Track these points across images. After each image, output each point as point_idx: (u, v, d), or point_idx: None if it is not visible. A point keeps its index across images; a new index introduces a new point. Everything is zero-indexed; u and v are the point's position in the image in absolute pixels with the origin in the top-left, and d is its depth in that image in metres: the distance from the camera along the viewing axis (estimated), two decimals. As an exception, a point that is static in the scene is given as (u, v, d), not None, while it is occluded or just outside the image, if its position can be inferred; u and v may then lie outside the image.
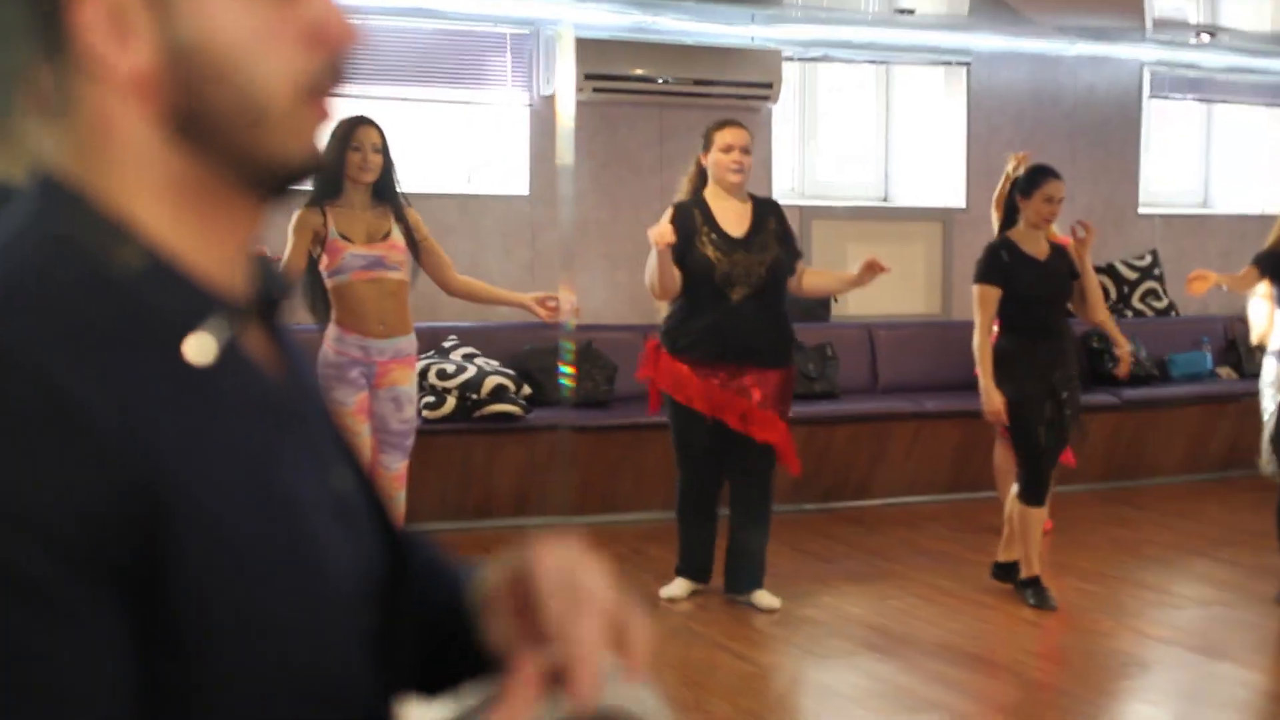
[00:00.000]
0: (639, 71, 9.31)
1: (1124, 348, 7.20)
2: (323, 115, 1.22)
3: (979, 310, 6.90)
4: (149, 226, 1.17)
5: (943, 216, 10.54)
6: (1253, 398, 9.65)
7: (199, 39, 1.16)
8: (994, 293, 6.84)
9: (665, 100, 9.52)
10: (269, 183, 1.22)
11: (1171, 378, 10.53)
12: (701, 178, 6.81)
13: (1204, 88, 11.63)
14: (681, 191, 6.90)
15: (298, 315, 6.26)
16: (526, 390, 8.61)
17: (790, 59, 9.91)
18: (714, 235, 6.60)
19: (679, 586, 6.98)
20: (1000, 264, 6.86)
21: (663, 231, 6.43)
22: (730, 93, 9.49)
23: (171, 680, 1.10)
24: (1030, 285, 6.83)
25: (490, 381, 8.36)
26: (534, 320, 8.65)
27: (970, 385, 7.34)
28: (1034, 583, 6.93)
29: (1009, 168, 7.80)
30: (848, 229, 10.24)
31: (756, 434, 6.62)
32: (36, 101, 2.11)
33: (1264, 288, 7.28)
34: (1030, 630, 6.65)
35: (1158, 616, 6.99)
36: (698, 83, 9.44)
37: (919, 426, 9.32)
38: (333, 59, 1.21)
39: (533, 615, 1.27)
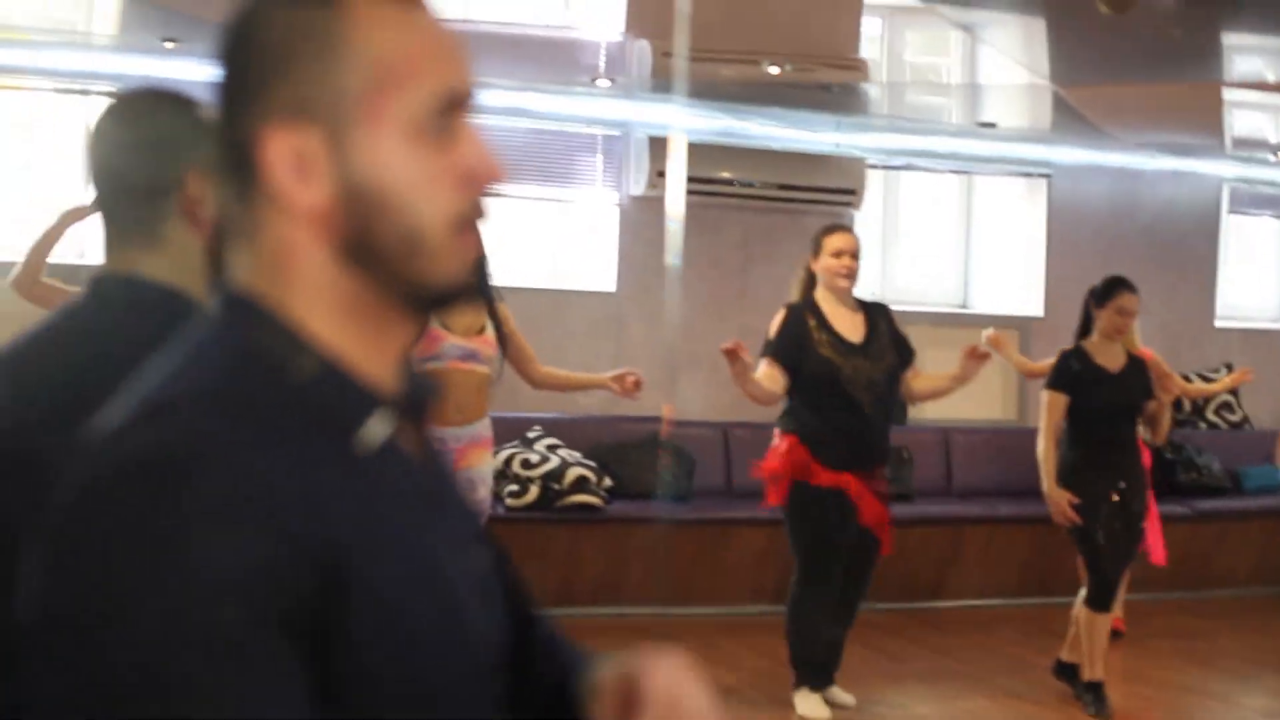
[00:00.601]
0: (726, 175, 9.53)
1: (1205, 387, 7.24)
2: (472, 246, 1.42)
3: (1045, 415, 7.05)
4: (322, 336, 1.38)
5: (1020, 324, 10.69)
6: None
7: (370, 181, 1.36)
8: (1061, 399, 6.97)
9: (751, 204, 9.72)
10: (424, 303, 1.43)
11: (1244, 490, 10.61)
12: (811, 281, 6.83)
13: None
14: (792, 294, 6.90)
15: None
16: (608, 482, 8.79)
17: (874, 166, 10.12)
18: (830, 339, 6.63)
19: (814, 706, 6.83)
20: (1070, 372, 7.00)
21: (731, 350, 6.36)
22: (815, 198, 9.68)
23: None
24: (1098, 396, 6.95)
25: (573, 472, 8.55)
26: (615, 413, 8.86)
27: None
28: (1095, 688, 7.01)
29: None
30: (927, 334, 10.40)
31: (880, 531, 6.71)
32: (186, 209, 2.36)
33: None
34: (1098, 735, 6.75)
35: (1227, 727, 7.09)
36: (783, 187, 9.65)
37: (992, 530, 9.43)
38: (481, 197, 1.41)
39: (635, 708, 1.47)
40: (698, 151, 9.30)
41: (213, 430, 1.27)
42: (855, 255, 6.72)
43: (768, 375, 6.65)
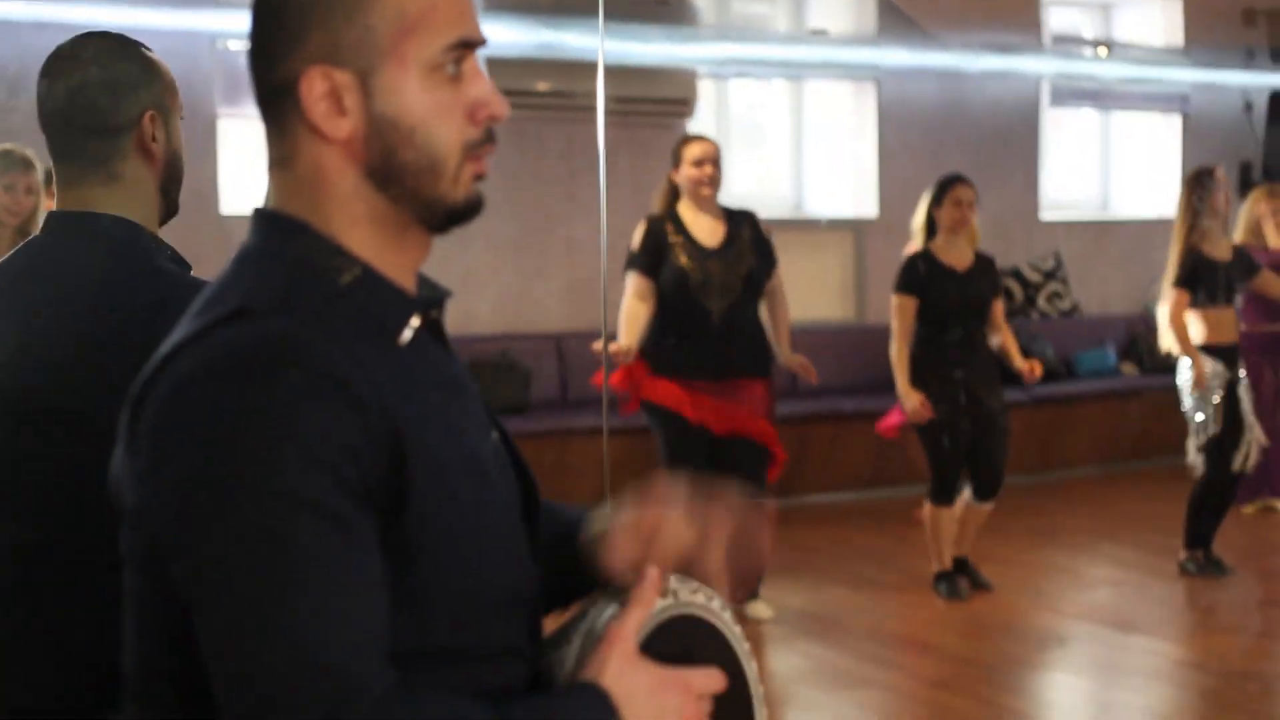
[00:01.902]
0: (544, 87, 9.51)
1: (1019, 363, 7.21)
2: (481, 170, 1.66)
3: (896, 319, 7.17)
4: (356, 249, 1.62)
5: (855, 226, 10.92)
6: (1155, 391, 10.15)
7: (394, 113, 1.60)
8: (910, 302, 7.11)
9: (578, 116, 9.71)
10: (440, 219, 1.66)
11: (1077, 375, 10.99)
12: (674, 193, 6.83)
13: (1100, 97, 12.10)
14: (655, 206, 6.90)
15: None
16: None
17: (704, 76, 10.24)
18: (687, 243, 6.66)
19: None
20: (917, 275, 7.13)
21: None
22: (646, 110, 9.75)
23: (405, 584, 1.52)
24: (945, 296, 7.10)
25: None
26: (466, 332, 8.97)
27: (884, 386, 7.73)
28: (944, 576, 7.30)
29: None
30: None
31: (754, 433, 6.66)
32: (141, 146, 2.51)
33: (1174, 295, 7.48)
34: (954, 612, 7.02)
35: (1073, 596, 7.41)
36: (612, 99, 9.67)
37: (837, 427, 9.67)
38: (488, 127, 1.66)
39: (656, 551, 1.80)
40: (514, 65, 9.23)
41: (286, 329, 1.50)
42: (716, 163, 6.72)
43: (637, 290, 6.69)
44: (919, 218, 7.43)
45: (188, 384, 1.49)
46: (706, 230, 6.74)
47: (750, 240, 6.80)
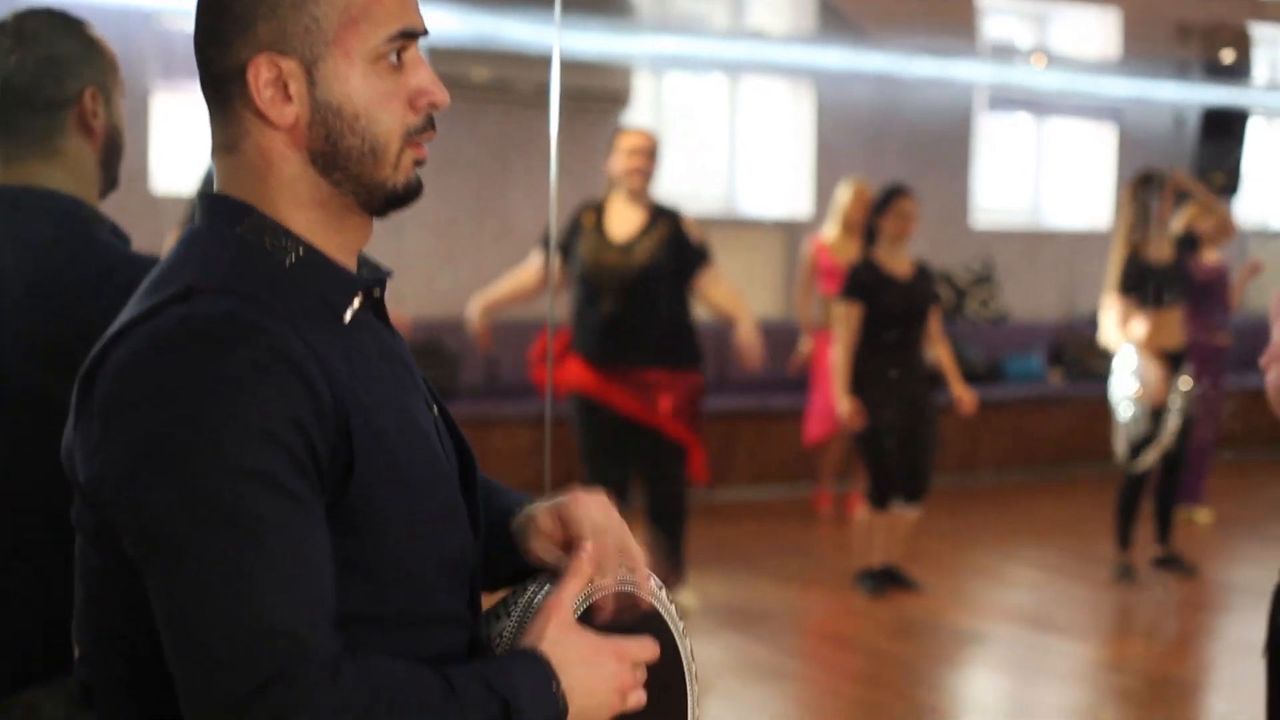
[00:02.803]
0: (481, 76, 9.45)
1: (957, 390, 7.36)
2: (421, 155, 1.72)
3: (840, 326, 7.18)
4: (300, 231, 1.67)
5: (788, 228, 10.95)
6: (1080, 399, 10.25)
7: (338, 101, 1.66)
8: (856, 308, 7.11)
9: (513, 107, 9.68)
10: (380, 203, 1.71)
11: (1004, 380, 11.06)
12: (610, 184, 6.82)
13: (1036, 106, 12.20)
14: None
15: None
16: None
17: (642, 71, 10.24)
18: (596, 234, 6.65)
19: None
20: (860, 282, 7.14)
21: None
22: (581, 103, 9.72)
23: (350, 552, 1.58)
24: (889, 303, 7.12)
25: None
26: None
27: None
28: (870, 574, 7.30)
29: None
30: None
31: (660, 425, 6.64)
32: (81, 122, 2.53)
33: (1118, 300, 7.51)
34: (876, 610, 7.05)
35: (994, 597, 7.47)
36: (544, 90, 9.67)
37: (765, 422, 9.69)
38: (428, 115, 1.71)
39: (570, 537, 1.84)
40: (449, 54, 9.18)
41: (234, 307, 1.55)
42: (649, 155, 6.69)
43: (526, 264, 6.93)
44: (836, 212, 7.48)
45: (138, 359, 1.54)
46: (622, 221, 6.70)
47: (665, 238, 6.69)
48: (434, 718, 1.54)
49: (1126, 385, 7.49)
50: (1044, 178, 12.56)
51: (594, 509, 1.85)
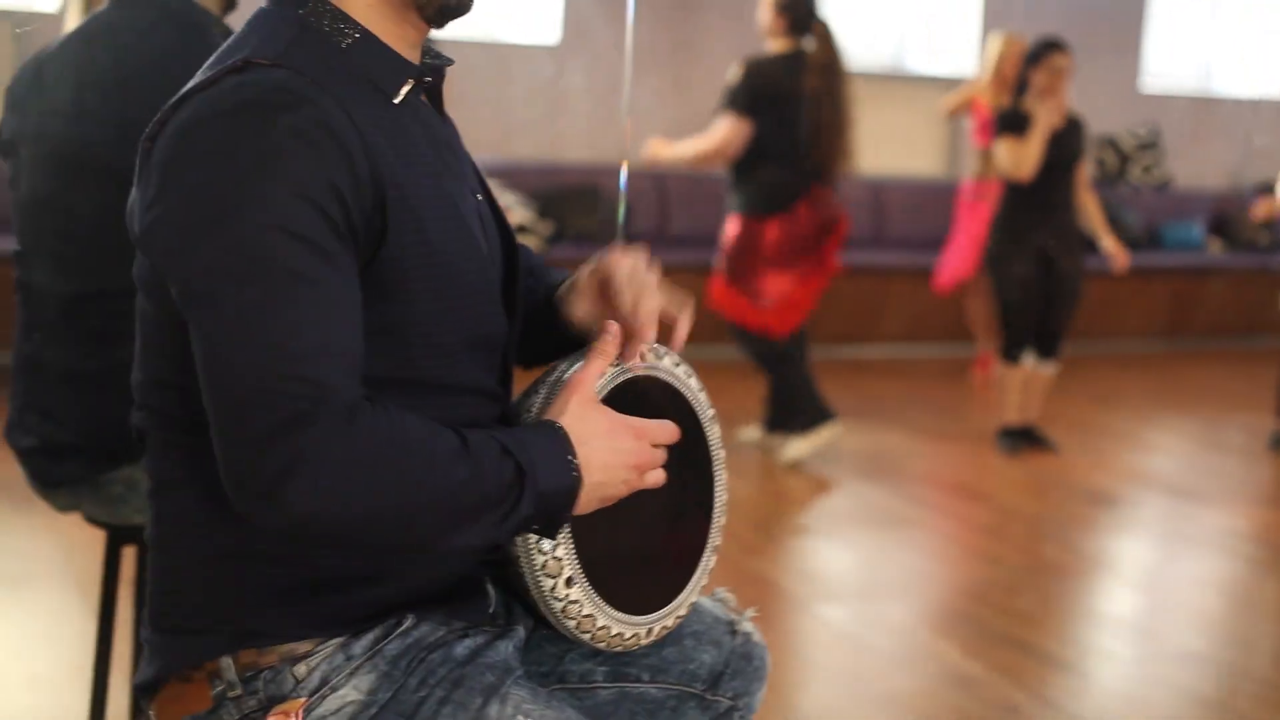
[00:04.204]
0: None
1: (1107, 243, 7.35)
2: None
3: (1008, 160, 7.04)
4: (359, 18, 1.78)
5: (953, 84, 10.87)
6: (1239, 271, 10.11)
7: None
8: (1016, 145, 6.98)
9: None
10: (432, 11, 1.80)
11: (1162, 247, 10.94)
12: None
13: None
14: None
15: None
16: (548, 227, 9.00)
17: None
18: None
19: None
20: (1010, 124, 7.05)
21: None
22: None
23: (381, 316, 1.71)
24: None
25: (514, 217, 8.71)
26: (558, 161, 9.08)
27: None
28: (1008, 432, 7.36)
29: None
30: (860, 92, 10.56)
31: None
32: None
33: None
34: (1011, 467, 7.12)
35: (1133, 461, 7.48)
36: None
37: (919, 281, 9.71)
38: None
39: (610, 299, 1.95)
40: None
41: (286, 79, 1.66)
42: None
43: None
44: (988, 62, 7.50)
45: (193, 122, 1.66)
46: None
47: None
48: (446, 471, 1.64)
49: None
50: (1217, 43, 12.30)
51: (627, 266, 1.95)
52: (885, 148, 9.92)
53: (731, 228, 6.76)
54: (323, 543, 1.74)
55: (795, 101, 6.54)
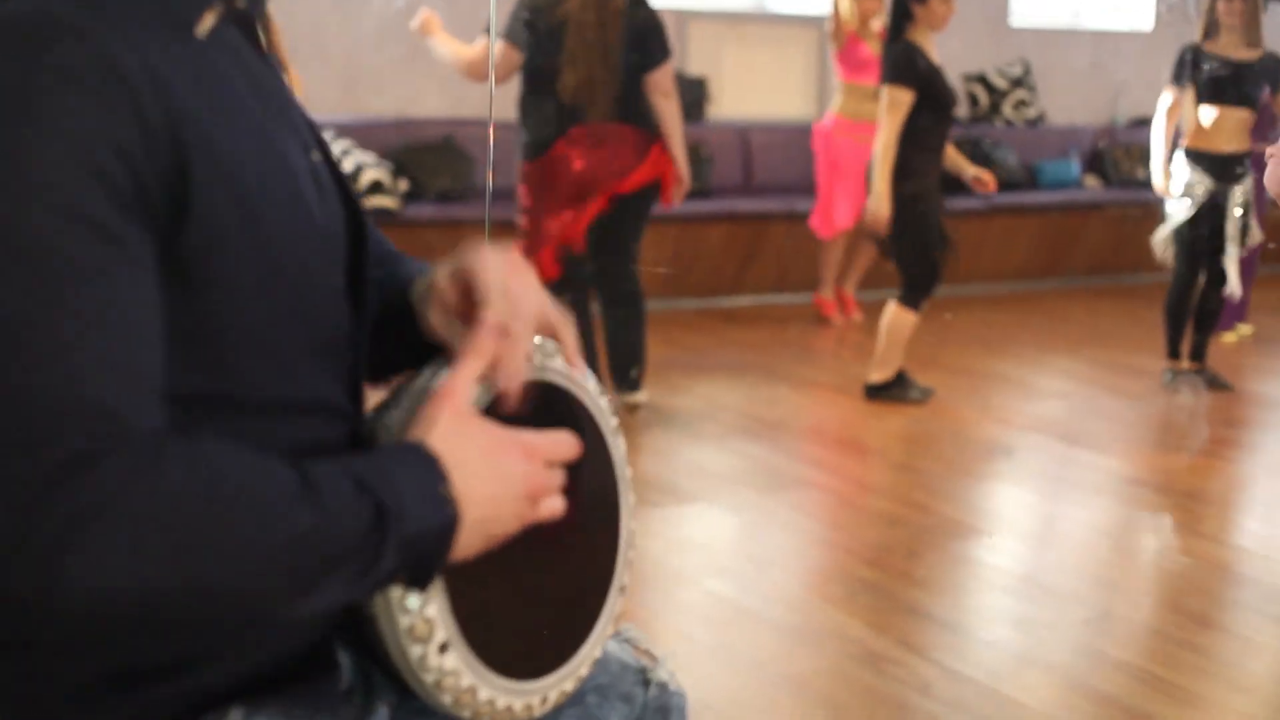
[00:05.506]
0: None
1: (970, 171, 6.95)
2: None
3: (890, 114, 6.65)
4: None
5: (820, 24, 10.59)
6: (1117, 206, 9.95)
7: None
8: (907, 96, 6.63)
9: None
10: None
11: (1039, 185, 10.74)
12: None
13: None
14: None
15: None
16: (404, 185, 8.64)
17: None
18: None
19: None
20: (916, 67, 6.64)
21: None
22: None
23: (194, 313, 1.29)
24: (944, 92, 6.72)
25: (368, 176, 8.35)
26: (410, 116, 8.70)
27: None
28: (903, 379, 7.07)
29: None
30: (727, 33, 10.27)
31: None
32: None
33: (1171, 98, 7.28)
34: (897, 418, 6.83)
35: (1021, 408, 7.23)
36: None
37: (791, 227, 9.41)
38: None
39: (473, 307, 1.49)
40: None
41: (60, 8, 1.23)
42: None
43: None
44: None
45: None
46: None
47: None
48: (284, 520, 1.23)
49: (1177, 184, 7.21)
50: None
51: (500, 268, 1.52)
52: (751, 92, 9.57)
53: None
54: (123, 630, 1.29)
55: (554, 29, 6.09)
